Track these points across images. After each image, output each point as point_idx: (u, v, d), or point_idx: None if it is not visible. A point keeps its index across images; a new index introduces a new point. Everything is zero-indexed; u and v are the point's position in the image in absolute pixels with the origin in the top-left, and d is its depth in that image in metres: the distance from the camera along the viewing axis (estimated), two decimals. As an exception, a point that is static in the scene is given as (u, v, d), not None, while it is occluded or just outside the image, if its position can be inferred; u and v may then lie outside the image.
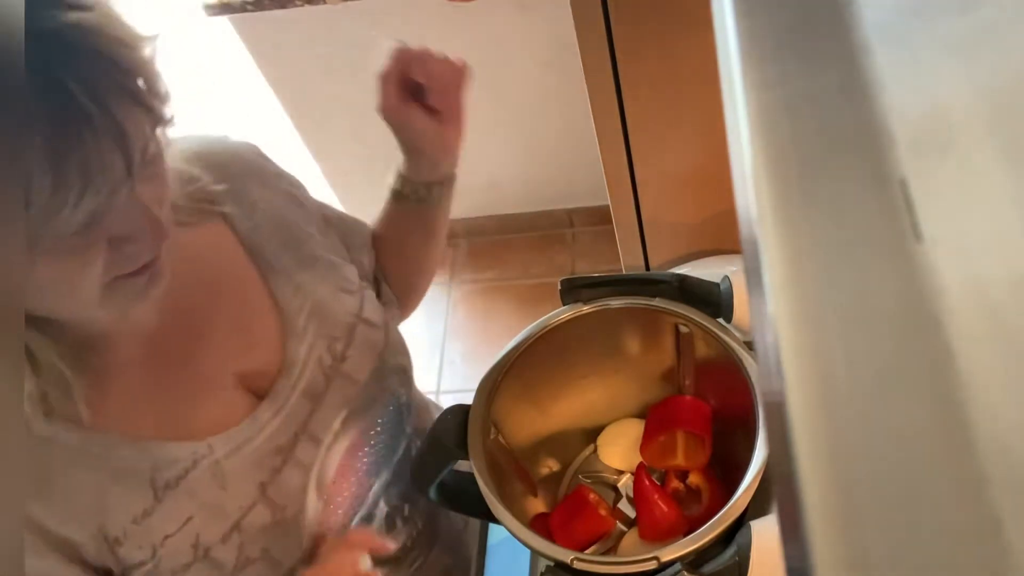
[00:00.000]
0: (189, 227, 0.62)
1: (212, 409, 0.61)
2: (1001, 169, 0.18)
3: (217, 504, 0.59)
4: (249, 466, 0.61)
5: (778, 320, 0.19)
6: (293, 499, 0.63)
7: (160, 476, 0.57)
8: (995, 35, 0.20)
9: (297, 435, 0.64)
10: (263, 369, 0.64)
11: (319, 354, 0.66)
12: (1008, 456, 0.15)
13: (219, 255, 0.65)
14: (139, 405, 0.58)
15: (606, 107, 0.80)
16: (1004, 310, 0.17)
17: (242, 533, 0.60)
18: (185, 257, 0.60)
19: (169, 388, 0.60)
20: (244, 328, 0.64)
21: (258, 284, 0.66)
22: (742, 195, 0.22)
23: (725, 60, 0.24)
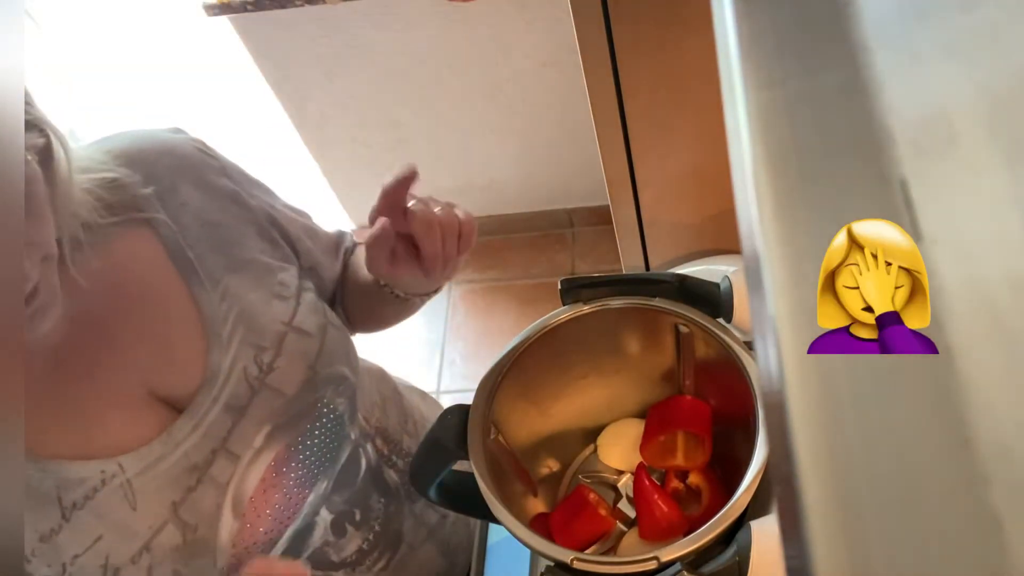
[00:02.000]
0: (108, 235, 0.59)
1: (123, 425, 0.58)
2: (1001, 169, 0.18)
3: (126, 524, 0.57)
4: (161, 485, 0.58)
5: (778, 320, 0.19)
6: (206, 519, 0.61)
7: (67, 496, 0.55)
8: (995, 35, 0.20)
9: (215, 452, 0.61)
10: (182, 382, 0.61)
11: (244, 364, 0.62)
12: (1008, 456, 0.15)
13: (139, 263, 0.61)
14: (43, 423, 0.56)
15: (606, 107, 0.80)
16: (1004, 310, 0.17)
17: (152, 554, 0.58)
18: (101, 266, 0.58)
19: (75, 404, 0.57)
20: (162, 340, 0.61)
21: (181, 292, 0.62)
22: (742, 195, 0.22)
23: (725, 60, 0.24)
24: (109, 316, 0.59)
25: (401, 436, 0.80)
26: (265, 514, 0.65)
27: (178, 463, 0.59)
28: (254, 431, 0.63)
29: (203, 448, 0.60)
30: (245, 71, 1.87)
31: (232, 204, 0.66)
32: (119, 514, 0.57)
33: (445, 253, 0.65)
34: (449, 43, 1.80)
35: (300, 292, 0.68)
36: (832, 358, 0.18)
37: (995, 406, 0.16)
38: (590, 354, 0.74)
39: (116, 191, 0.60)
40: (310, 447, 0.67)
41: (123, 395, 0.59)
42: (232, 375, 0.62)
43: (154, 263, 0.61)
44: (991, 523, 0.15)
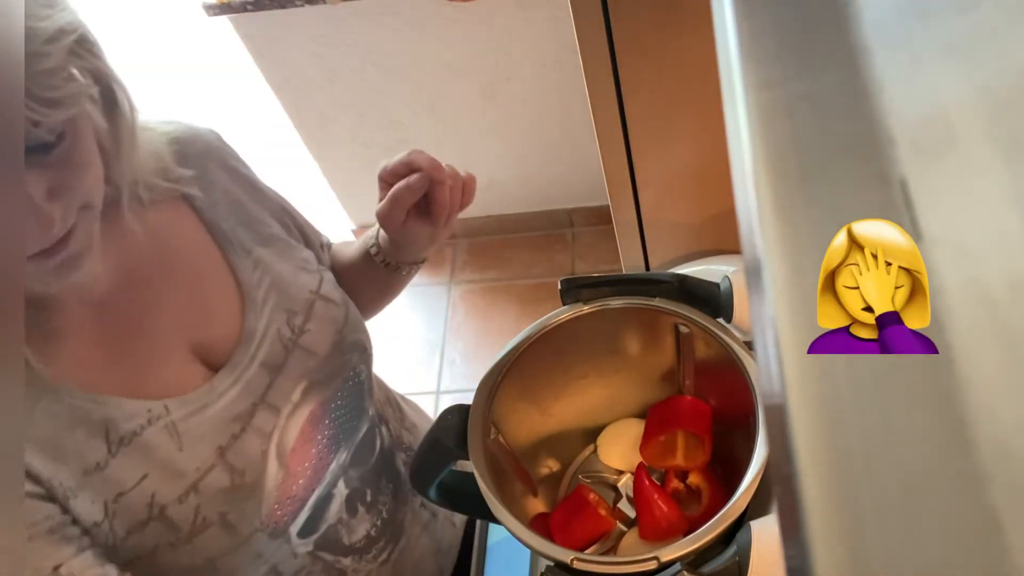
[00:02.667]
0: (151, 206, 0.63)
1: (168, 374, 0.62)
2: (1001, 169, 0.18)
3: (173, 464, 0.59)
4: (206, 430, 0.62)
5: (778, 320, 0.19)
6: (252, 464, 0.64)
7: (114, 430, 0.57)
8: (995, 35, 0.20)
9: (255, 404, 0.65)
10: (220, 340, 0.65)
11: (277, 327, 0.67)
12: (1008, 456, 0.15)
13: (179, 232, 0.66)
14: (94, 364, 0.59)
15: (606, 107, 0.80)
16: (1004, 310, 0.17)
17: (199, 495, 0.60)
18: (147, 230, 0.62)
19: (123, 353, 0.60)
20: (201, 301, 0.65)
21: (218, 259, 0.67)
22: (742, 195, 0.22)
23: (725, 60, 0.24)
24: (154, 276, 0.63)
25: (400, 431, 0.83)
26: (303, 467, 0.69)
27: (221, 412, 0.63)
28: (291, 386, 0.67)
29: (244, 400, 0.64)
30: (245, 71, 1.87)
31: (251, 188, 0.73)
32: (165, 453, 0.59)
33: (451, 206, 0.71)
34: (449, 43, 1.80)
35: (320, 269, 0.74)
36: (832, 358, 0.18)
37: (995, 406, 0.16)
38: (590, 354, 0.74)
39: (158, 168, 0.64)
40: (338, 408, 0.72)
41: (168, 349, 0.62)
42: (267, 336, 0.67)
43: (193, 233, 0.67)
44: (991, 523, 0.15)
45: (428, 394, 2.05)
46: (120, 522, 0.58)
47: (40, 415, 0.55)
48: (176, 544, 0.60)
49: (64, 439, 0.55)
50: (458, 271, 2.28)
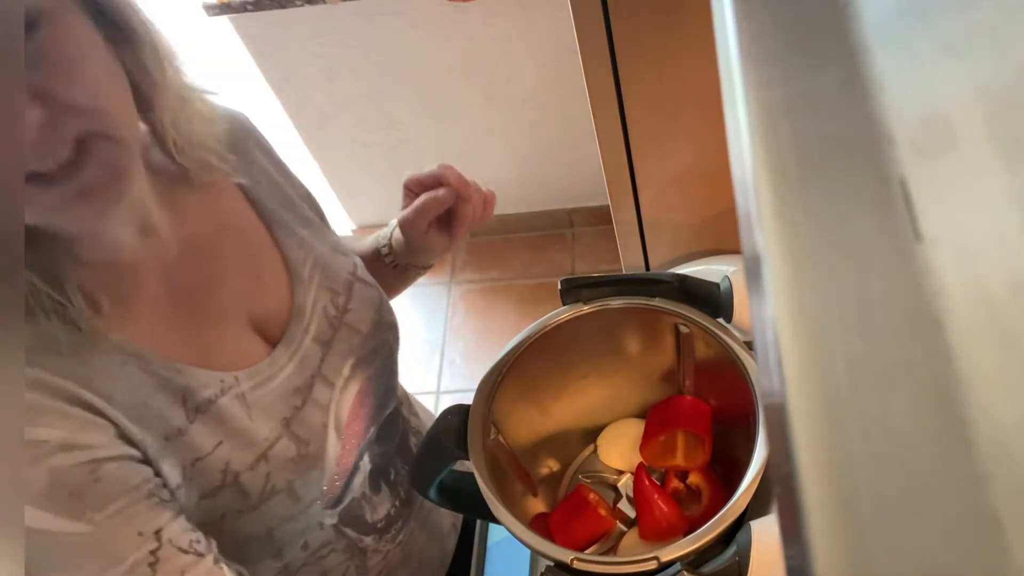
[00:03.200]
0: (210, 188, 0.65)
1: (233, 346, 0.64)
2: (1001, 169, 0.18)
3: (245, 433, 0.61)
4: (272, 401, 0.64)
5: (778, 320, 0.19)
6: (315, 435, 0.67)
7: (191, 398, 0.59)
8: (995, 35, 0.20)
9: (313, 377, 0.67)
10: (274, 315, 0.67)
11: (323, 304, 0.70)
12: (1008, 456, 0.15)
13: (230, 209, 0.68)
14: (170, 333, 0.60)
15: (606, 107, 0.80)
16: (1004, 310, 0.17)
17: (269, 463, 0.63)
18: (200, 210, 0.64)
19: (192, 323, 0.62)
20: (255, 274, 0.67)
21: (265, 236, 0.69)
22: (742, 195, 0.22)
23: (725, 60, 0.24)
24: (215, 250, 0.65)
25: (410, 417, 0.86)
26: (354, 440, 0.72)
27: (283, 384, 0.65)
28: (341, 362, 0.70)
29: (302, 373, 0.67)
30: (245, 71, 1.87)
31: (284, 170, 0.75)
32: (238, 423, 0.61)
33: (472, 221, 0.75)
34: (449, 43, 1.80)
35: (351, 252, 0.78)
36: (832, 358, 0.18)
37: (995, 406, 0.16)
38: (590, 354, 0.74)
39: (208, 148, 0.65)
40: (378, 384, 0.75)
41: (231, 321, 0.64)
42: (315, 312, 0.69)
43: (242, 211, 0.69)
44: (991, 523, 0.15)
45: (428, 394, 2.05)
46: (195, 486, 0.59)
47: (127, 380, 0.56)
48: (244, 511, 0.62)
49: (149, 404, 0.56)
50: (458, 271, 2.28)
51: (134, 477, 0.54)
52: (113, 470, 0.53)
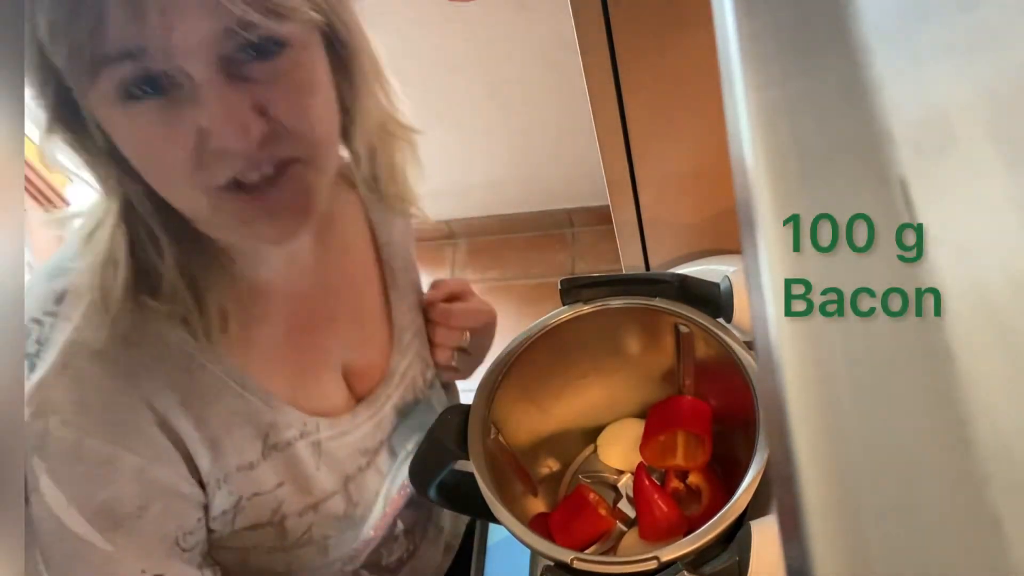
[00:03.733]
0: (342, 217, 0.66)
1: (322, 392, 0.64)
2: (1001, 169, 0.18)
3: (306, 481, 0.61)
4: (341, 457, 0.64)
5: (778, 320, 0.19)
6: (366, 500, 0.67)
7: (273, 435, 0.59)
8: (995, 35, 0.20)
9: (381, 443, 0.68)
10: (365, 372, 0.67)
11: (414, 375, 0.70)
12: (1008, 456, 0.15)
13: (361, 256, 0.69)
14: (275, 365, 0.60)
15: (606, 107, 0.80)
16: (1004, 310, 0.17)
17: (317, 514, 0.63)
18: (338, 249, 0.65)
19: (298, 358, 0.62)
20: (361, 326, 0.67)
21: (379, 292, 0.70)
22: (742, 195, 0.22)
23: (725, 60, 0.24)
24: (333, 291, 0.65)
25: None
26: (392, 511, 0.72)
27: (356, 442, 0.65)
28: (410, 435, 0.70)
29: (375, 437, 0.67)
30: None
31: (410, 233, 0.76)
32: (304, 469, 0.61)
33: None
34: (449, 43, 1.80)
35: None
36: (832, 358, 0.18)
37: (995, 406, 0.16)
38: (590, 354, 0.74)
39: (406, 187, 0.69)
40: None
41: (329, 363, 0.65)
42: (404, 380, 0.70)
43: (370, 262, 0.69)
44: (991, 523, 0.15)
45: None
46: (243, 518, 0.60)
47: (223, 406, 0.56)
48: (275, 550, 0.63)
49: (233, 434, 0.57)
50: (458, 271, 2.28)
51: (170, 523, 0.55)
52: (157, 512, 0.54)
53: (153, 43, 0.42)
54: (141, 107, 0.45)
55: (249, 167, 0.47)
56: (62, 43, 0.42)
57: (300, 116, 0.49)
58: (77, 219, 0.54)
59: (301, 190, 0.50)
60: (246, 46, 0.45)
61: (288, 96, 0.48)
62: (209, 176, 0.47)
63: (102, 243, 0.51)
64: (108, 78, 0.43)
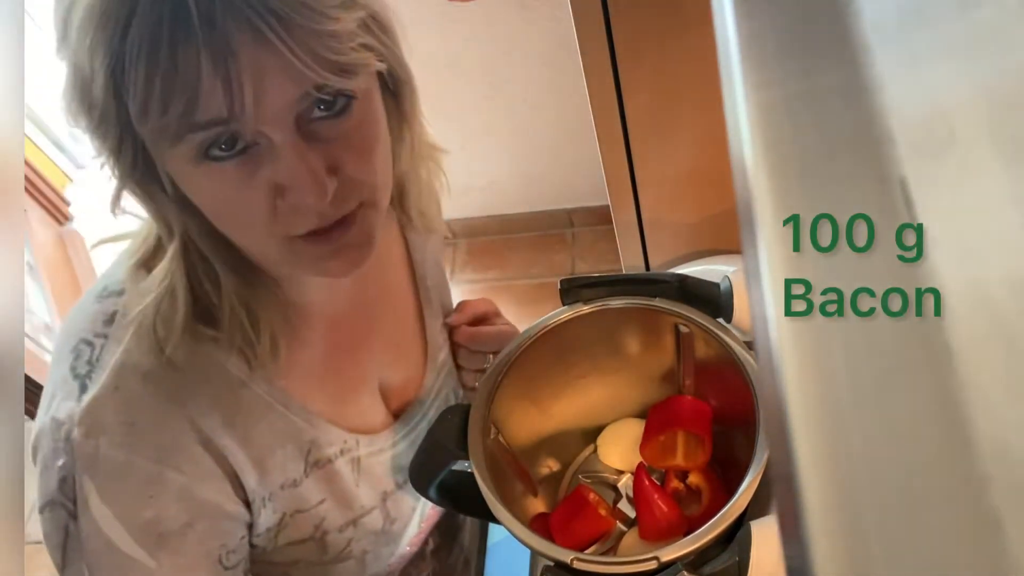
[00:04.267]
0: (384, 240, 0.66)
1: (361, 409, 0.65)
2: (1001, 169, 0.18)
3: (347, 497, 0.63)
4: (379, 473, 0.65)
5: (778, 320, 0.19)
6: (404, 515, 0.68)
7: (314, 452, 0.60)
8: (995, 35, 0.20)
9: None
10: (401, 389, 0.69)
11: (447, 393, 0.71)
12: (1008, 456, 0.15)
13: (396, 277, 0.70)
14: (316, 384, 0.61)
15: (606, 107, 0.80)
16: (1004, 310, 0.17)
17: (356, 530, 0.64)
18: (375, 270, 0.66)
19: (338, 378, 0.63)
20: (397, 344, 0.69)
21: (415, 310, 0.71)
22: (742, 195, 0.22)
23: (725, 60, 0.24)
24: (370, 311, 0.66)
25: None
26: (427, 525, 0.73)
27: (392, 460, 0.66)
28: None
29: (410, 454, 0.67)
30: (245, 71, 1.87)
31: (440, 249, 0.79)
32: (344, 486, 0.62)
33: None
34: (449, 43, 1.80)
35: None
36: (832, 358, 0.18)
37: (995, 406, 0.16)
38: (590, 354, 0.74)
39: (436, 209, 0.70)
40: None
41: (367, 383, 0.66)
42: (438, 398, 0.71)
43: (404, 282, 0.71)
44: (991, 523, 0.15)
45: (428, 394, 2.05)
46: (287, 534, 0.61)
47: (267, 425, 0.57)
48: (315, 564, 0.64)
49: (276, 452, 0.58)
50: (458, 271, 2.28)
51: (214, 541, 0.56)
52: (202, 530, 0.55)
53: (243, 112, 0.44)
54: (219, 166, 0.46)
55: (323, 220, 0.50)
56: (154, 119, 0.43)
57: (368, 169, 0.51)
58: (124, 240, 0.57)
59: (365, 232, 0.53)
60: (318, 101, 0.47)
61: (358, 153, 0.50)
62: (284, 228, 0.49)
63: (160, 274, 0.53)
64: (191, 142, 0.45)
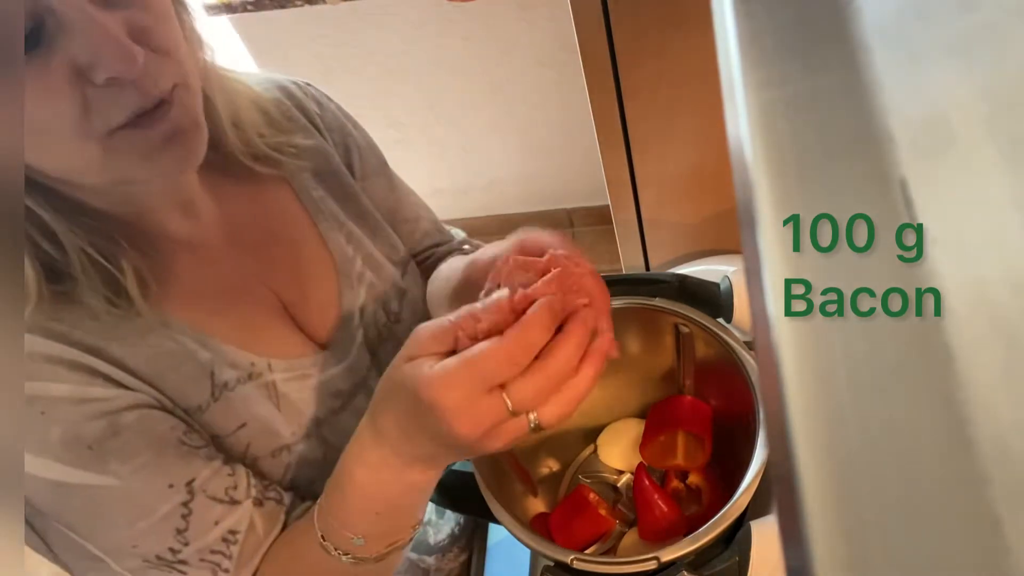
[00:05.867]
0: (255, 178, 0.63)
1: (272, 337, 0.61)
2: (1001, 169, 0.18)
3: (270, 422, 0.59)
4: (306, 398, 0.61)
5: (778, 320, 0.19)
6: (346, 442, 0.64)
7: (219, 375, 0.57)
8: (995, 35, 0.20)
9: (357, 385, 0.65)
10: (319, 316, 0.64)
11: (373, 310, 0.67)
12: (1008, 456, 0.15)
13: (274, 198, 0.65)
14: (208, 312, 0.58)
15: (606, 107, 0.80)
16: (1004, 310, 0.17)
17: (291, 454, 0.61)
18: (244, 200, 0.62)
19: (236, 309, 0.60)
20: (299, 272, 0.64)
21: (313, 233, 0.66)
22: (742, 195, 0.22)
23: (725, 60, 0.24)
24: (256, 242, 0.63)
25: None
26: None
27: (323, 385, 0.62)
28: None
29: (348, 379, 0.64)
30: (245, 71, 1.87)
31: (342, 140, 0.72)
32: (263, 409, 0.59)
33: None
34: (449, 43, 1.80)
35: (407, 259, 0.73)
36: (832, 358, 0.18)
37: (995, 406, 0.16)
38: (590, 354, 0.74)
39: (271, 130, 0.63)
40: None
41: (274, 314, 0.62)
42: (364, 317, 0.66)
43: (287, 202, 0.65)
44: (991, 523, 0.15)
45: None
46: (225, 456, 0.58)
47: (148, 348, 0.54)
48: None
49: (167, 376, 0.54)
50: (458, 271, 2.28)
51: (159, 426, 0.53)
52: (133, 421, 0.51)
53: None
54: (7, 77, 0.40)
55: (143, 95, 0.46)
56: None
57: (173, 38, 0.47)
58: None
59: (190, 114, 0.49)
60: None
61: (157, 17, 0.46)
62: (102, 120, 0.45)
63: None
64: None
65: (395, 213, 0.76)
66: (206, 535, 0.53)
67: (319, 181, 0.67)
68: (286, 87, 0.70)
